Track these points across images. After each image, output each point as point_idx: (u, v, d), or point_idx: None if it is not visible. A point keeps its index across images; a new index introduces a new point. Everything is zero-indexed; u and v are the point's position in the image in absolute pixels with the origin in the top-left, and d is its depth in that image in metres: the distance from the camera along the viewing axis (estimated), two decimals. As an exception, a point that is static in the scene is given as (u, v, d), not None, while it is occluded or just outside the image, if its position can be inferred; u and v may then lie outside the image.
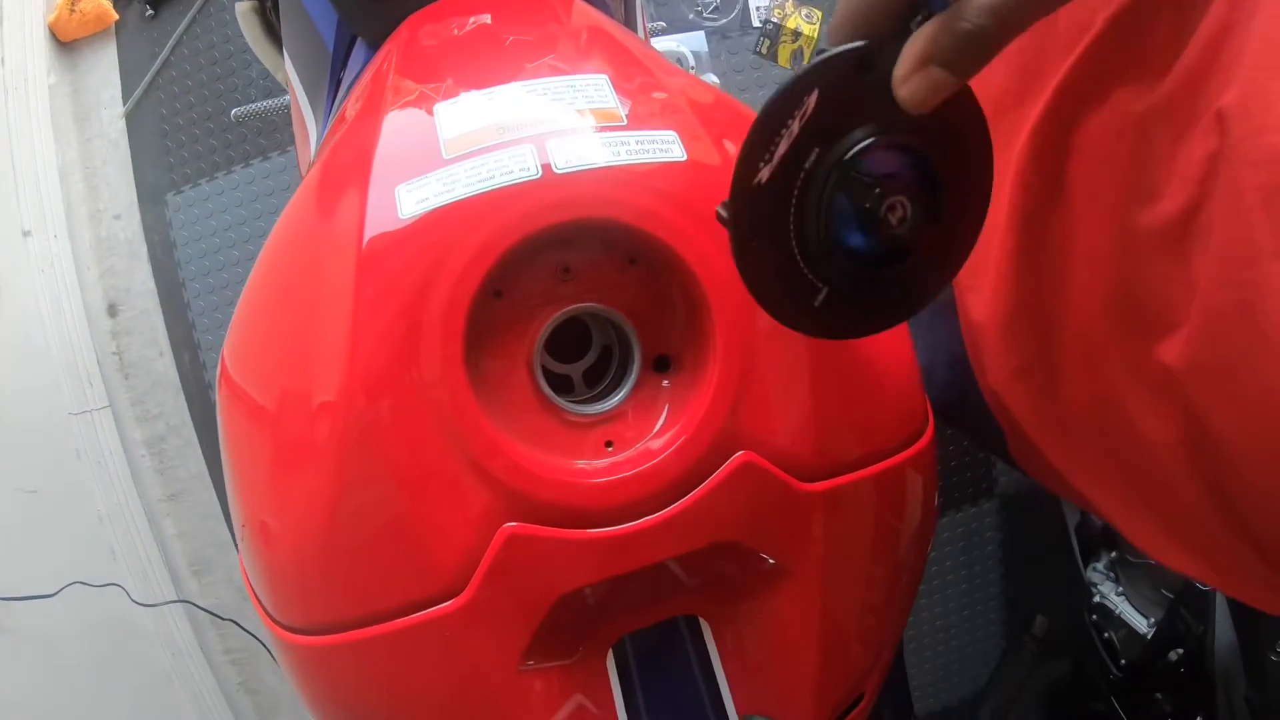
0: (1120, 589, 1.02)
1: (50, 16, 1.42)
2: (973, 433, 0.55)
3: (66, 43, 1.45)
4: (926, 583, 1.45)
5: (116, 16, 1.45)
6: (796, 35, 1.38)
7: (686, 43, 1.33)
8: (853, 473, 0.37)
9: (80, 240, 1.43)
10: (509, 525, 0.33)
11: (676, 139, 0.36)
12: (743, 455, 0.35)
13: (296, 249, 0.38)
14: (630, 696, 0.38)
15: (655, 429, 0.36)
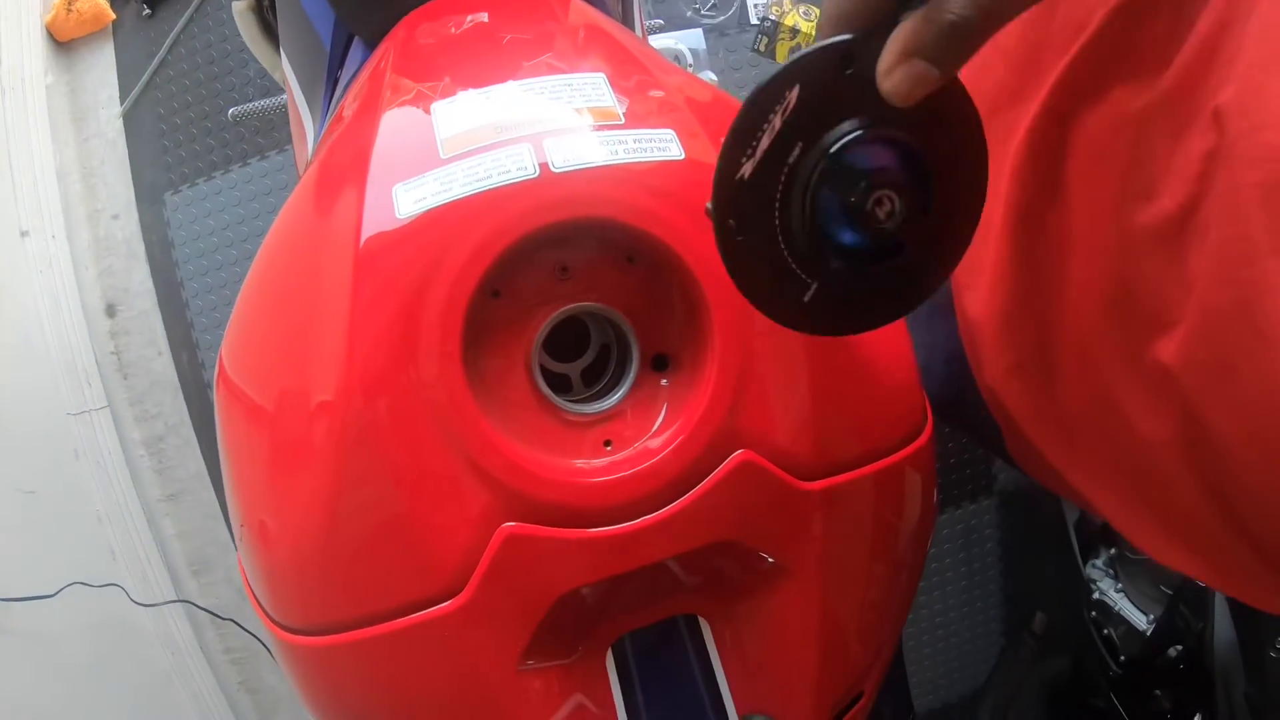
0: (1119, 585, 1.02)
1: (47, 16, 1.41)
2: (970, 431, 0.55)
3: (63, 42, 1.45)
4: (926, 580, 1.45)
5: (113, 16, 1.44)
6: (795, 32, 1.38)
7: (684, 40, 1.33)
8: (852, 471, 0.37)
9: (78, 240, 1.43)
10: (508, 525, 0.33)
11: (674, 137, 0.36)
12: (741, 454, 0.35)
13: (294, 249, 0.38)
14: (630, 696, 0.38)
15: (654, 428, 0.36)
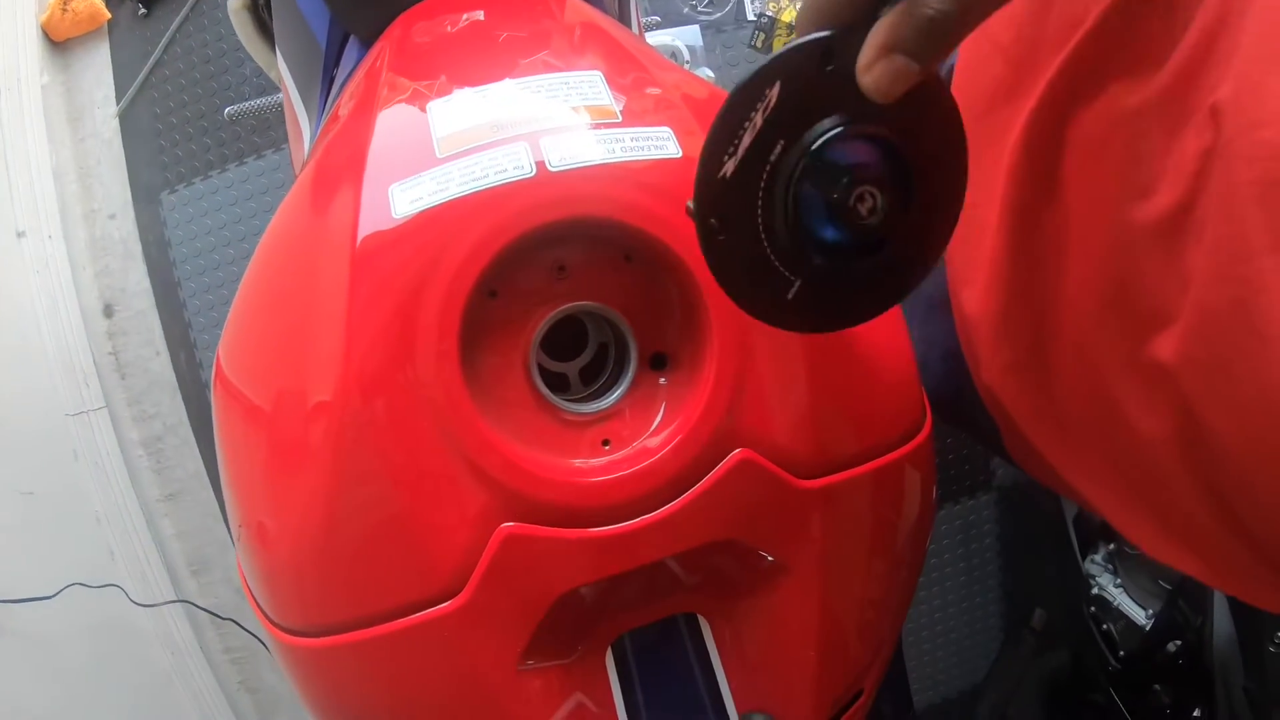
0: (1118, 581, 1.02)
1: (42, 16, 1.41)
2: (968, 428, 0.55)
3: (59, 42, 1.44)
4: (925, 576, 1.45)
5: (109, 15, 1.44)
6: (791, 29, 1.38)
7: (681, 37, 1.33)
8: (851, 469, 0.37)
9: (75, 240, 1.43)
10: (506, 525, 0.33)
11: (671, 135, 0.36)
12: (740, 453, 0.35)
13: (290, 249, 0.38)
14: (630, 694, 0.38)
15: (652, 427, 0.35)
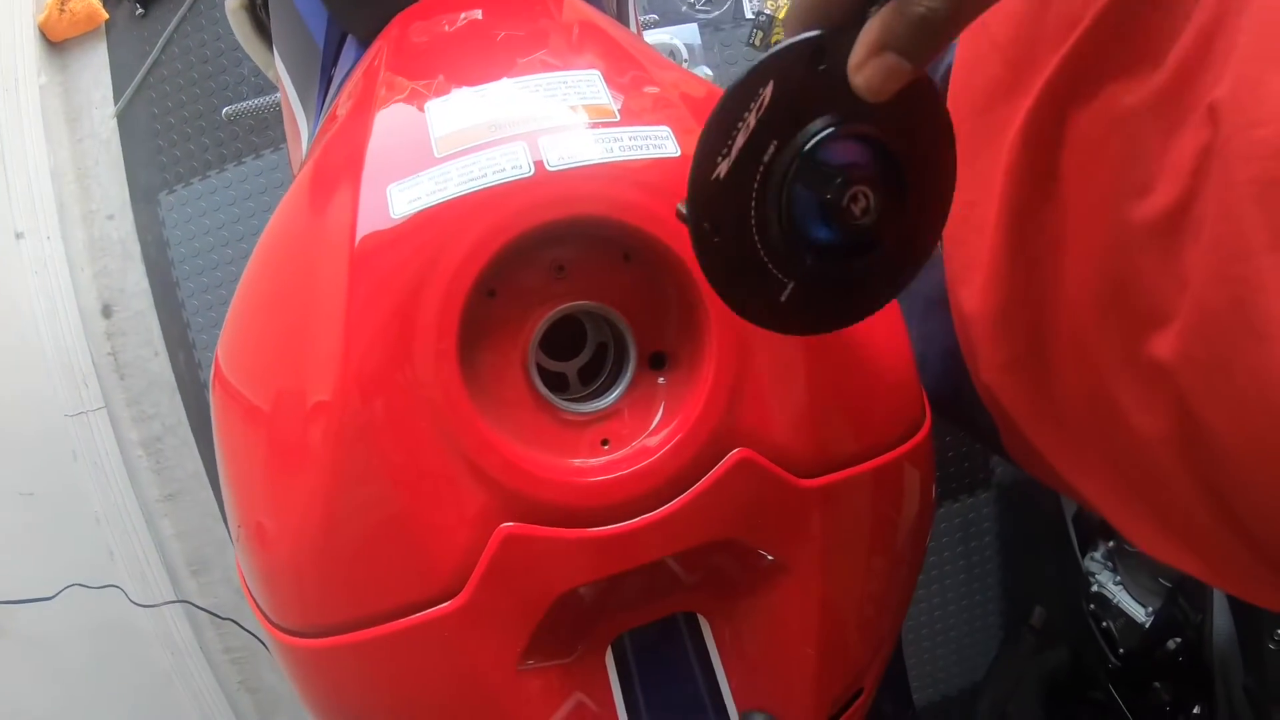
0: (1118, 578, 1.02)
1: (40, 16, 1.41)
2: (966, 426, 0.55)
3: (57, 43, 1.44)
4: (924, 574, 1.45)
5: (106, 16, 1.44)
6: (790, 28, 1.38)
7: (679, 36, 1.33)
8: (850, 468, 0.37)
9: (73, 241, 1.43)
10: (506, 525, 0.33)
11: (670, 134, 0.36)
12: (740, 452, 0.35)
13: (289, 249, 0.38)
14: (630, 694, 0.38)
15: (651, 426, 0.35)
